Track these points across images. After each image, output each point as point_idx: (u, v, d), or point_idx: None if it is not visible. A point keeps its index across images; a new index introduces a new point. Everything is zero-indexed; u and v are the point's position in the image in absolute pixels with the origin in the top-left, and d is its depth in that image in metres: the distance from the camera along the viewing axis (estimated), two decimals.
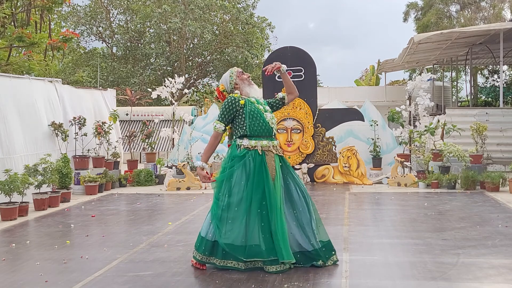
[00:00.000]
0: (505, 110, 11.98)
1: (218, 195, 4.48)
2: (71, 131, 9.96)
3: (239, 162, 4.48)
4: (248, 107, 4.57)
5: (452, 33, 13.39)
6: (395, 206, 7.82)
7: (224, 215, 4.39)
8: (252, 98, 4.68)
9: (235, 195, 4.40)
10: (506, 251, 4.98)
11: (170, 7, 25.65)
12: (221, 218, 4.40)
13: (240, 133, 4.57)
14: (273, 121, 4.68)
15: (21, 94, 8.88)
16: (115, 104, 12.75)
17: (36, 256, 5.15)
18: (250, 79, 4.79)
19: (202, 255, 4.50)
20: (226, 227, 4.38)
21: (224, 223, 4.39)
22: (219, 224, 4.39)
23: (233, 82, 4.72)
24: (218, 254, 4.45)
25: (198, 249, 4.54)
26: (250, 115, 4.55)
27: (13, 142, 8.47)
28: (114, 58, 27.75)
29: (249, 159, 4.47)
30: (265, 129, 4.58)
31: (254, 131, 4.55)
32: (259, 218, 4.35)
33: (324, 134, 10.80)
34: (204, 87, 30.25)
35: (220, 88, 4.79)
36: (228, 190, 4.43)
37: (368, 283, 4.11)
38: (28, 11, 11.82)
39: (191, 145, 11.38)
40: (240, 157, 4.49)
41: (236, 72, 4.76)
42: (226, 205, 4.40)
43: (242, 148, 4.53)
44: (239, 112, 4.57)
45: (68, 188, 8.78)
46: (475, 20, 27.61)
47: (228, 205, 4.40)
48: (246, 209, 4.36)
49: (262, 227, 4.35)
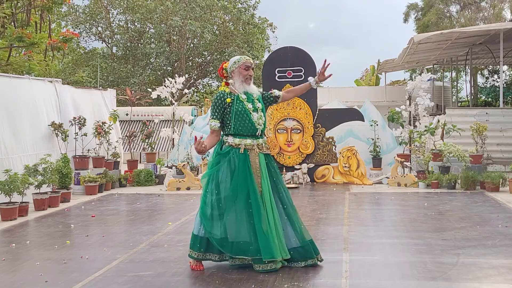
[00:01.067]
0: (505, 110, 11.98)
1: (205, 192, 4.53)
2: (71, 131, 9.96)
3: (224, 158, 4.53)
4: (235, 106, 4.57)
5: (452, 33, 13.39)
6: (395, 206, 7.82)
7: (214, 212, 4.42)
8: (243, 95, 4.64)
9: (222, 192, 4.45)
10: (506, 251, 4.98)
11: (172, 5, 25.66)
12: (210, 215, 4.43)
13: (226, 130, 4.62)
14: (259, 121, 4.64)
15: (21, 94, 8.88)
16: (115, 104, 12.75)
17: (36, 256, 5.15)
18: (250, 79, 4.70)
19: (198, 253, 4.52)
20: (213, 223, 4.41)
21: (212, 219, 4.42)
22: (206, 220, 4.43)
23: (233, 69, 4.67)
24: (215, 250, 4.48)
25: (193, 247, 4.56)
26: (236, 114, 4.56)
27: (13, 142, 8.47)
28: (114, 58, 27.75)
29: (233, 156, 4.51)
30: (250, 129, 4.59)
31: (239, 130, 4.57)
32: (247, 215, 4.39)
33: (324, 134, 10.80)
34: (204, 87, 30.25)
35: (224, 65, 4.76)
36: (216, 187, 4.47)
37: (368, 283, 4.11)
38: (28, 11, 11.81)
39: (191, 145, 11.37)
40: (224, 154, 4.54)
41: (242, 63, 4.66)
42: (214, 202, 4.44)
43: (227, 145, 4.58)
44: (227, 110, 4.59)
45: (68, 188, 8.78)
46: (475, 20, 27.60)
47: (216, 201, 4.43)
48: (232, 206, 4.40)
49: (251, 225, 4.38)
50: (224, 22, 27.58)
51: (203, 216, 4.46)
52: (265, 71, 10.98)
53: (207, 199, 4.48)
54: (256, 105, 4.70)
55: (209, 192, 4.49)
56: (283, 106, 10.64)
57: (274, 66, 10.81)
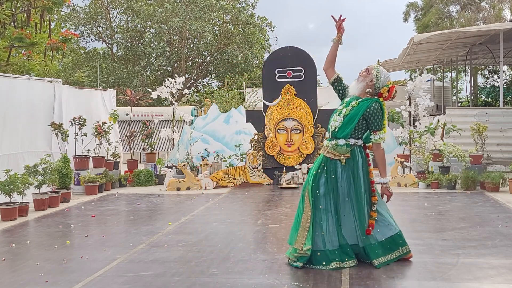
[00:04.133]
0: (505, 110, 11.98)
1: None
2: (71, 131, 9.95)
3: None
4: None
5: (452, 33, 13.39)
6: (395, 206, 7.79)
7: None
8: (348, 98, 4.76)
9: None
10: (506, 251, 4.98)
11: (171, 6, 25.66)
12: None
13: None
14: (332, 123, 4.69)
15: (20, 94, 8.88)
16: (115, 104, 12.74)
17: (36, 256, 5.15)
18: (361, 76, 4.72)
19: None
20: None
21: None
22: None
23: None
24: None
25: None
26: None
27: (13, 142, 8.47)
28: (115, 59, 27.75)
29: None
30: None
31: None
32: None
33: (324, 134, 10.79)
34: (204, 87, 30.27)
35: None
36: None
37: (368, 283, 4.11)
38: (28, 11, 11.82)
39: (191, 145, 11.38)
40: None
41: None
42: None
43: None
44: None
45: (68, 188, 8.77)
46: (475, 21, 27.60)
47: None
48: None
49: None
50: (223, 22, 27.59)
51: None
52: (265, 71, 10.98)
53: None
54: (343, 110, 4.72)
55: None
56: (283, 106, 10.64)
57: (274, 66, 10.81)
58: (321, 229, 4.50)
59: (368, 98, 4.59)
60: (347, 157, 4.60)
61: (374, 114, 4.52)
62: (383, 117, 4.56)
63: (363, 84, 4.65)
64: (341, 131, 4.60)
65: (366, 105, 4.53)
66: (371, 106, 4.52)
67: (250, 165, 10.43)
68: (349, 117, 4.57)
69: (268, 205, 7.97)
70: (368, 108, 4.52)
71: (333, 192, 4.57)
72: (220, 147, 11.70)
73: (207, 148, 11.44)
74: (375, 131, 4.56)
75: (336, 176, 4.60)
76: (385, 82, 4.64)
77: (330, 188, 4.58)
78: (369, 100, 4.57)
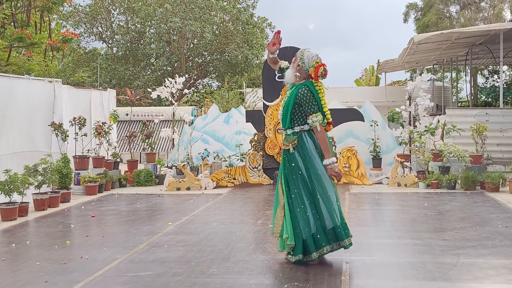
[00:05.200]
0: (505, 111, 11.97)
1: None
2: (70, 131, 9.95)
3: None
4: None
5: (452, 33, 13.39)
6: (395, 206, 7.82)
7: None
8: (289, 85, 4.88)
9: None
10: (506, 251, 4.98)
11: (171, 6, 25.66)
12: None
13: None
14: (279, 115, 4.87)
15: (20, 94, 8.88)
16: (115, 104, 12.74)
17: (36, 256, 5.15)
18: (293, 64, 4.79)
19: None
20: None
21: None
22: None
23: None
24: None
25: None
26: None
27: (13, 142, 8.46)
28: (115, 59, 27.75)
29: None
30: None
31: None
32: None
33: None
34: (204, 87, 30.26)
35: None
36: None
37: (368, 283, 4.11)
38: (28, 11, 11.82)
39: (191, 145, 11.38)
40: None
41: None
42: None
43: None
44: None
45: (68, 188, 8.77)
46: (475, 21, 27.61)
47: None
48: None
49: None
50: (223, 22, 27.59)
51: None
52: (265, 71, 10.97)
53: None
54: (286, 99, 4.85)
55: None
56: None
57: None
58: (300, 217, 4.53)
59: (298, 84, 4.70)
60: (294, 144, 4.73)
61: (304, 99, 4.61)
62: (314, 100, 4.62)
63: (293, 70, 4.76)
64: (283, 122, 4.78)
65: (296, 92, 4.66)
66: (299, 91, 4.64)
67: (250, 165, 10.43)
68: (285, 107, 4.74)
69: (268, 205, 7.96)
70: (297, 94, 4.64)
71: (298, 180, 4.63)
72: (220, 147, 11.70)
73: (207, 148, 11.44)
74: (308, 115, 4.63)
75: (296, 164, 4.68)
76: (310, 63, 4.66)
77: (295, 177, 4.64)
78: (298, 85, 4.68)
